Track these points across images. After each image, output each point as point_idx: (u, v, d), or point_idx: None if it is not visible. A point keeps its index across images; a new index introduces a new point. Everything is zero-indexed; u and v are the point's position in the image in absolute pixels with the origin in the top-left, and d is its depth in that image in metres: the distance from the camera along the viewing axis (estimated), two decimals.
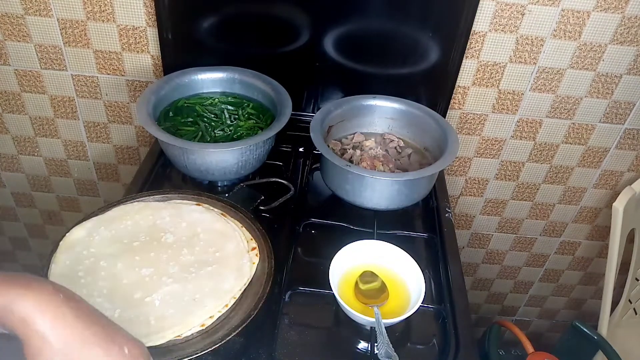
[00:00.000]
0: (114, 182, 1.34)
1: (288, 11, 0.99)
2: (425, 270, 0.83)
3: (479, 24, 1.00)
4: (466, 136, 1.18)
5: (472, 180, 1.27)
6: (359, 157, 0.97)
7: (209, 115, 0.98)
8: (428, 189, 0.93)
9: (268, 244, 0.75)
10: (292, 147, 1.06)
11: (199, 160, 0.87)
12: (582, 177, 1.25)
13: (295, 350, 0.71)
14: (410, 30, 0.99)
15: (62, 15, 1.04)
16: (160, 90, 0.96)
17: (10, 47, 1.09)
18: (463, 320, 0.76)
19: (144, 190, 0.91)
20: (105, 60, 1.10)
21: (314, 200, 1.00)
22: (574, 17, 0.99)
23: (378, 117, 1.04)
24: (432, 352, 0.74)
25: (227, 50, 1.05)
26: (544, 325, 1.66)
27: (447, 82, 1.06)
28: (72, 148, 1.27)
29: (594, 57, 1.04)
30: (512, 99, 1.11)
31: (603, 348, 1.20)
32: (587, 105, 1.11)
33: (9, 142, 1.27)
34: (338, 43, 1.02)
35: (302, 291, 0.78)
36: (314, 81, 1.08)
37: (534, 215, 1.34)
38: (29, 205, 1.41)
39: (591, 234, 1.38)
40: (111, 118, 1.20)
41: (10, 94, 1.17)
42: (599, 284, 1.50)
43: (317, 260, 0.85)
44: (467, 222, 1.37)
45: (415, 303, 0.71)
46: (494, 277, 1.51)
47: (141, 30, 1.06)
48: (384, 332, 0.67)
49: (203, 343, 0.62)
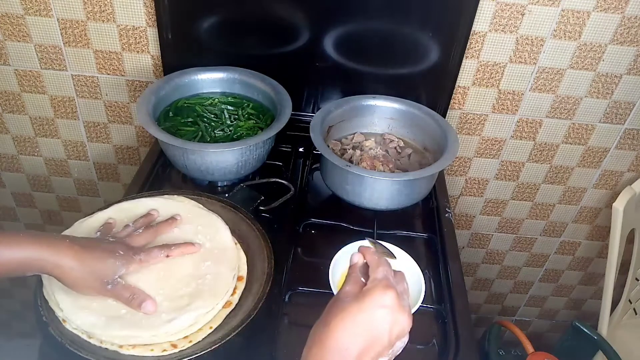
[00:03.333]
0: (114, 182, 1.34)
1: (288, 11, 0.99)
2: (425, 270, 0.83)
3: (479, 24, 1.00)
4: (466, 136, 1.18)
5: (472, 180, 1.27)
6: (359, 157, 0.97)
7: (209, 115, 0.98)
8: (428, 189, 0.93)
9: (268, 244, 0.75)
10: (292, 147, 1.06)
11: (199, 160, 0.87)
12: (582, 177, 1.25)
13: (295, 351, 0.70)
14: (410, 30, 0.99)
15: (62, 15, 1.04)
16: (160, 90, 0.96)
17: (10, 47, 1.09)
18: (463, 320, 0.76)
19: (144, 191, 0.91)
20: (105, 60, 1.10)
21: (314, 200, 1.00)
22: (574, 17, 0.99)
23: (378, 117, 1.04)
24: (432, 352, 0.74)
25: (227, 50, 1.05)
26: (544, 325, 1.66)
27: (447, 82, 1.06)
28: (72, 148, 1.27)
29: (594, 57, 1.04)
30: (512, 99, 1.11)
31: (603, 348, 1.20)
32: (587, 105, 1.11)
33: (9, 142, 1.27)
34: (338, 43, 1.02)
35: (302, 291, 0.78)
36: (314, 81, 1.08)
37: (534, 215, 1.34)
38: (29, 205, 1.41)
39: (591, 234, 1.38)
40: (111, 118, 1.20)
41: (10, 94, 1.17)
42: (599, 284, 1.50)
43: (317, 260, 0.85)
44: (467, 222, 1.37)
45: (415, 303, 0.71)
46: (494, 277, 1.51)
47: (141, 30, 1.06)
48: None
49: (203, 343, 0.62)
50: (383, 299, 0.48)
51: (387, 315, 0.48)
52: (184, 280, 0.67)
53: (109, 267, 0.62)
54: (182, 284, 0.67)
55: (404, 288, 0.54)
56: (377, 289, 0.49)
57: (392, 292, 0.49)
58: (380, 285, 0.50)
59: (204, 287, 0.67)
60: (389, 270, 0.54)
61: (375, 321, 0.48)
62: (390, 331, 0.48)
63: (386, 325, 0.48)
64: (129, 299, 0.63)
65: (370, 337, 0.47)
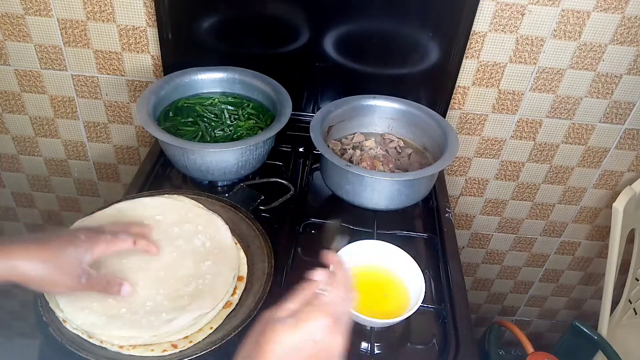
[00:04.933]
0: (114, 182, 1.34)
1: (288, 11, 0.99)
2: (425, 270, 0.83)
3: (479, 24, 1.00)
4: (466, 136, 1.18)
5: (472, 180, 1.27)
6: (359, 157, 0.97)
7: (209, 115, 0.98)
8: (428, 189, 0.93)
9: (268, 244, 0.75)
10: (292, 147, 1.06)
11: (199, 160, 0.87)
12: (582, 177, 1.25)
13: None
14: (410, 30, 0.99)
15: (62, 15, 1.04)
16: (160, 90, 0.96)
17: (10, 47, 1.09)
18: (463, 320, 0.76)
19: (144, 190, 0.91)
20: (105, 60, 1.10)
21: (314, 200, 1.00)
22: (574, 17, 0.99)
23: (378, 117, 1.04)
24: (432, 352, 0.74)
25: (227, 50, 1.05)
26: (544, 325, 1.66)
27: (447, 82, 1.06)
28: (72, 148, 1.27)
29: (594, 57, 1.04)
30: (512, 99, 1.11)
31: (603, 348, 1.20)
32: (587, 105, 1.11)
33: (9, 142, 1.27)
34: (338, 43, 1.02)
35: None
36: (314, 81, 1.08)
37: (534, 215, 1.34)
38: (29, 205, 1.41)
39: (591, 234, 1.38)
40: (111, 118, 1.20)
41: (10, 94, 1.17)
42: (599, 284, 1.50)
43: (317, 260, 0.84)
44: (467, 222, 1.37)
45: (415, 303, 0.71)
46: (494, 277, 1.51)
47: (141, 30, 1.06)
48: None
49: (203, 343, 0.62)
50: (317, 325, 0.49)
51: (320, 343, 0.49)
52: (184, 280, 0.67)
53: (70, 256, 0.58)
54: (182, 283, 0.67)
55: (344, 310, 0.53)
56: (313, 314, 0.49)
57: (327, 320, 0.49)
58: (318, 311, 0.50)
59: (204, 287, 0.67)
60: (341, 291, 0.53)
61: (307, 349, 0.48)
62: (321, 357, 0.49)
63: (320, 351, 0.49)
64: (105, 286, 0.61)
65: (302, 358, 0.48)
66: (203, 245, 0.72)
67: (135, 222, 0.73)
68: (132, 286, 0.63)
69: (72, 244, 0.59)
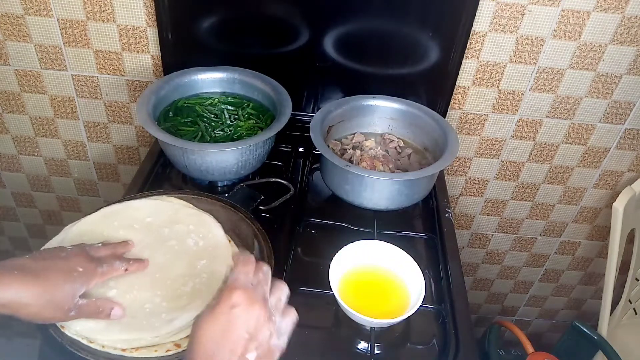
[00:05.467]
0: (114, 182, 1.34)
1: (288, 11, 0.99)
2: (425, 270, 0.83)
3: (479, 24, 1.00)
4: (466, 136, 1.18)
5: (472, 180, 1.27)
6: (359, 157, 0.97)
7: (209, 115, 0.98)
8: (428, 189, 0.93)
9: (268, 244, 0.75)
10: (292, 147, 1.06)
11: (199, 160, 0.87)
12: (582, 177, 1.25)
13: (295, 351, 0.71)
14: (410, 30, 0.99)
15: (62, 15, 1.04)
16: (160, 90, 0.96)
17: (10, 47, 1.09)
18: (463, 320, 0.76)
19: (144, 190, 0.91)
20: (105, 60, 1.10)
21: (314, 200, 1.00)
22: (574, 17, 0.99)
23: (378, 117, 1.04)
24: (432, 352, 0.74)
25: (227, 50, 1.05)
26: (544, 325, 1.66)
27: (447, 82, 1.06)
28: (72, 148, 1.27)
29: (594, 57, 1.04)
30: (512, 99, 1.11)
31: (603, 348, 1.20)
32: (587, 105, 1.11)
33: (9, 142, 1.27)
34: (338, 43, 1.02)
35: (302, 291, 0.78)
36: (314, 81, 1.08)
37: (534, 215, 1.34)
38: (29, 205, 1.41)
39: (591, 234, 1.38)
40: (111, 118, 1.20)
41: (10, 94, 1.17)
42: (599, 284, 1.50)
43: (317, 260, 0.85)
44: (467, 222, 1.37)
45: (415, 303, 0.71)
46: (494, 277, 1.51)
47: (141, 30, 1.06)
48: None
49: None
50: (231, 300, 0.51)
51: (240, 313, 0.51)
52: (180, 280, 0.67)
53: (67, 293, 0.57)
54: (179, 283, 0.67)
55: (259, 280, 0.56)
56: (224, 293, 0.53)
57: (238, 291, 0.52)
58: (227, 289, 0.53)
59: (202, 285, 0.67)
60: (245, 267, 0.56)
61: (230, 322, 0.51)
62: (247, 325, 0.51)
63: (241, 322, 0.51)
64: (95, 312, 0.60)
65: (231, 338, 0.50)
66: (196, 244, 0.72)
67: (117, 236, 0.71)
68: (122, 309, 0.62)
69: (69, 280, 0.58)
